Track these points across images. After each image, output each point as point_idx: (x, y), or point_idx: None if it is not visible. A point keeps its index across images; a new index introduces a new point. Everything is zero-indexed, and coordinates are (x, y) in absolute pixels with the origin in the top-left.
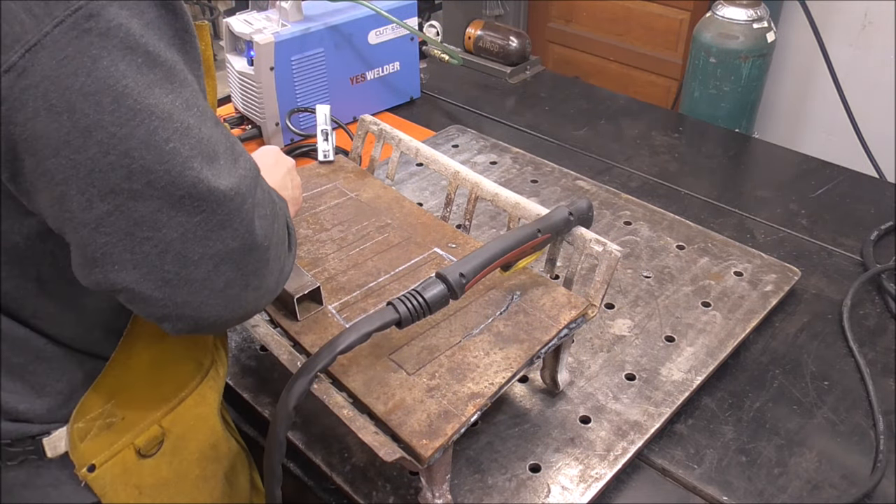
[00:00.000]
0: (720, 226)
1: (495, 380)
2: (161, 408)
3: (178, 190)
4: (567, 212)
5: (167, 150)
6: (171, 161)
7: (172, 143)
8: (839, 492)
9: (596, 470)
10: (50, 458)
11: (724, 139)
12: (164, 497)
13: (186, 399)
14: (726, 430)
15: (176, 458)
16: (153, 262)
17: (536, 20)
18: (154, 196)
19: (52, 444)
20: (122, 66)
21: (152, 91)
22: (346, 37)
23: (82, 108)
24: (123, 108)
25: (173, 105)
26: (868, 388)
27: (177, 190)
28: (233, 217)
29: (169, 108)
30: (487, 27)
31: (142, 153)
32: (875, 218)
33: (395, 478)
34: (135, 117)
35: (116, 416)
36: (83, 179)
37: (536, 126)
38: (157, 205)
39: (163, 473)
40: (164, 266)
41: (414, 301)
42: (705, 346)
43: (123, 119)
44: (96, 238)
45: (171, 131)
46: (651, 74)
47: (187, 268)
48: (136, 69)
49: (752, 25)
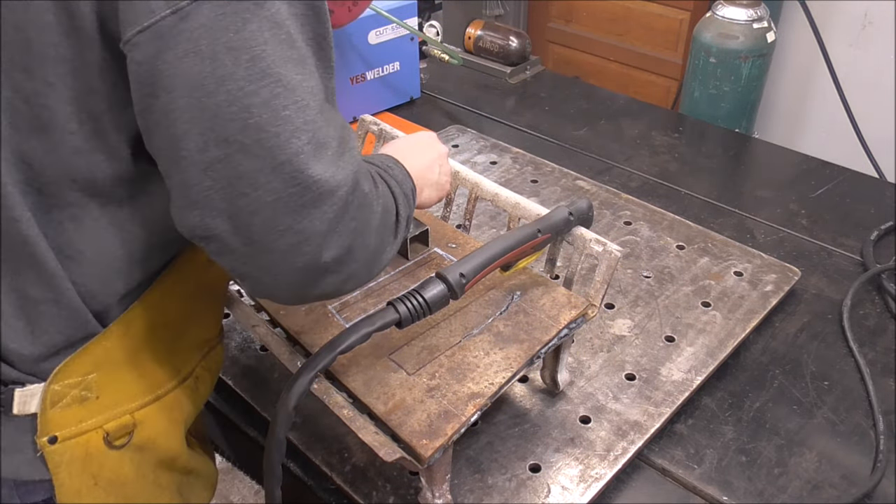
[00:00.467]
0: (720, 226)
1: (495, 380)
2: (137, 399)
3: (281, 155)
4: (567, 212)
5: (283, 115)
6: (282, 126)
7: (288, 112)
8: (839, 492)
9: (596, 470)
10: (15, 414)
11: (724, 139)
12: (118, 494)
13: (162, 398)
14: (726, 430)
15: (139, 456)
16: (245, 218)
17: (536, 20)
18: (259, 155)
19: (23, 398)
20: (265, 34)
21: (285, 64)
22: (346, 37)
23: (223, 59)
24: (256, 69)
25: (300, 83)
26: (868, 388)
27: (280, 154)
28: (323, 201)
29: (294, 83)
30: (487, 27)
31: (260, 111)
32: (875, 218)
33: (395, 478)
34: (263, 78)
35: (92, 393)
36: (206, 122)
37: (536, 126)
38: (260, 164)
39: (124, 470)
40: (253, 225)
41: (414, 301)
42: (705, 346)
43: (254, 77)
44: (203, 180)
45: (291, 102)
46: (651, 74)
47: (272, 235)
48: (276, 42)
49: (752, 25)
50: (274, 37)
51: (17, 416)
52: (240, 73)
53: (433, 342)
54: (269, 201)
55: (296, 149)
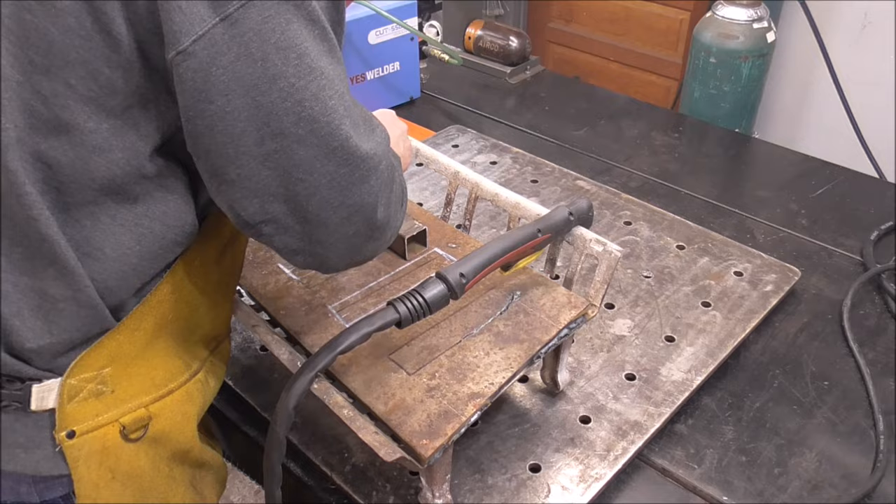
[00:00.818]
0: (720, 226)
1: (495, 380)
2: (150, 393)
3: (334, 141)
4: (567, 212)
5: (330, 105)
6: (331, 115)
7: (333, 101)
8: (839, 492)
9: (596, 470)
10: (33, 410)
11: (724, 139)
12: (134, 487)
13: (175, 392)
14: (726, 430)
15: (153, 449)
16: (302, 201)
17: (536, 20)
18: (314, 143)
19: (40, 393)
20: (305, 32)
21: (323, 57)
22: (346, 37)
23: (273, 58)
24: (304, 65)
25: (335, 72)
26: (868, 388)
27: (333, 140)
28: (371, 175)
29: (332, 74)
30: (487, 27)
31: (311, 104)
32: (875, 218)
33: (395, 478)
34: (310, 73)
35: (107, 388)
36: (262, 119)
37: (536, 126)
38: (315, 152)
39: (140, 462)
40: (309, 206)
41: (414, 301)
42: (705, 346)
43: (302, 73)
44: (261, 171)
45: (333, 91)
46: (651, 74)
47: (327, 211)
48: (314, 37)
49: (752, 25)
50: (312, 33)
51: (36, 412)
52: (290, 70)
53: (433, 342)
54: (324, 183)
55: (345, 133)
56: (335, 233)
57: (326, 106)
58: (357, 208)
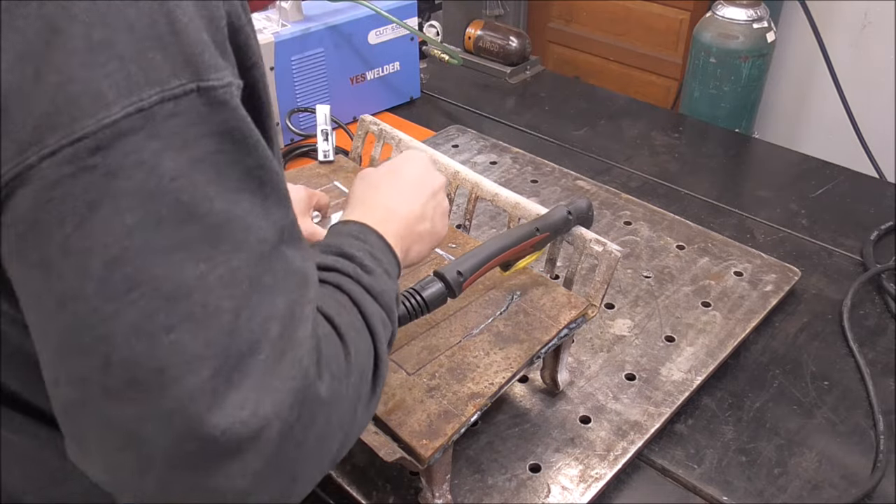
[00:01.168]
0: (720, 226)
1: (495, 380)
2: None
3: (170, 403)
4: (566, 211)
5: (166, 342)
6: (168, 359)
7: (177, 335)
8: (839, 492)
9: (596, 470)
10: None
11: (724, 139)
12: None
13: None
14: (726, 430)
15: None
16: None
17: (536, 20)
18: (136, 401)
19: None
20: (128, 220)
21: (169, 257)
22: (346, 37)
23: (60, 268)
24: (116, 278)
25: (203, 278)
26: (868, 388)
27: (168, 403)
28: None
29: (192, 283)
30: (487, 27)
31: (129, 342)
32: (875, 218)
33: (395, 478)
34: (129, 292)
35: None
36: (52, 354)
37: (536, 126)
38: (139, 412)
39: None
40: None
41: (412, 300)
42: (705, 346)
43: (112, 293)
44: (65, 421)
45: (183, 317)
46: (651, 74)
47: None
48: (152, 225)
49: (752, 25)
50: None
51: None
52: (89, 288)
53: (433, 342)
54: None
55: (189, 391)
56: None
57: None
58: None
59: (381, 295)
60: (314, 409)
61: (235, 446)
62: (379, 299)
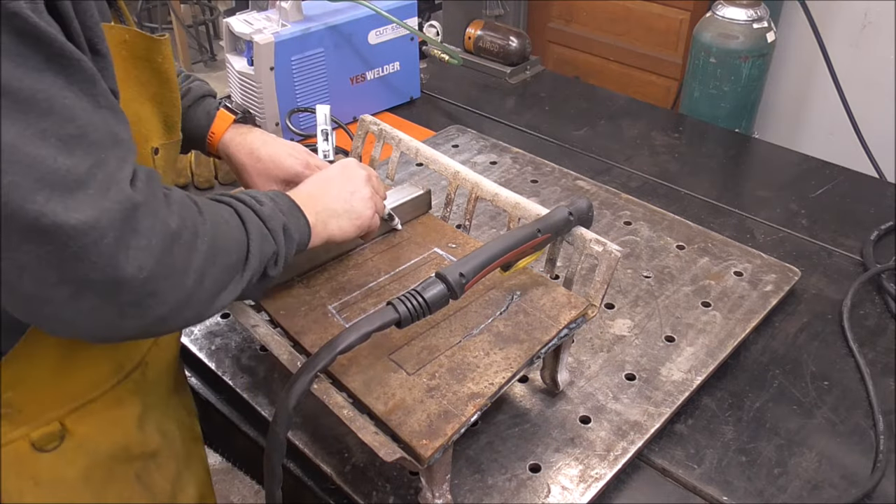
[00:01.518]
0: (720, 226)
1: (495, 380)
2: (64, 406)
3: (20, 222)
4: (567, 211)
5: (4, 184)
6: (9, 195)
7: (10, 177)
8: (839, 492)
9: (596, 470)
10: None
11: (724, 139)
12: (64, 493)
13: (97, 400)
14: (726, 430)
15: (80, 456)
16: (13, 280)
17: (536, 20)
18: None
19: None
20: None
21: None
22: (346, 37)
23: None
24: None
25: (20, 136)
26: (868, 388)
27: (19, 221)
28: (88, 251)
29: (11, 140)
30: (487, 27)
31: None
32: (875, 218)
33: (395, 478)
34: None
35: (13, 408)
36: None
37: (536, 126)
38: (6, 231)
39: (62, 470)
40: (23, 284)
41: (414, 301)
42: (705, 346)
43: None
44: None
45: (11, 163)
46: (651, 74)
47: (46, 289)
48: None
49: (752, 25)
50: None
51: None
52: None
53: (433, 342)
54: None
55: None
56: (67, 309)
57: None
58: (84, 284)
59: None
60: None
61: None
62: (261, 215)
